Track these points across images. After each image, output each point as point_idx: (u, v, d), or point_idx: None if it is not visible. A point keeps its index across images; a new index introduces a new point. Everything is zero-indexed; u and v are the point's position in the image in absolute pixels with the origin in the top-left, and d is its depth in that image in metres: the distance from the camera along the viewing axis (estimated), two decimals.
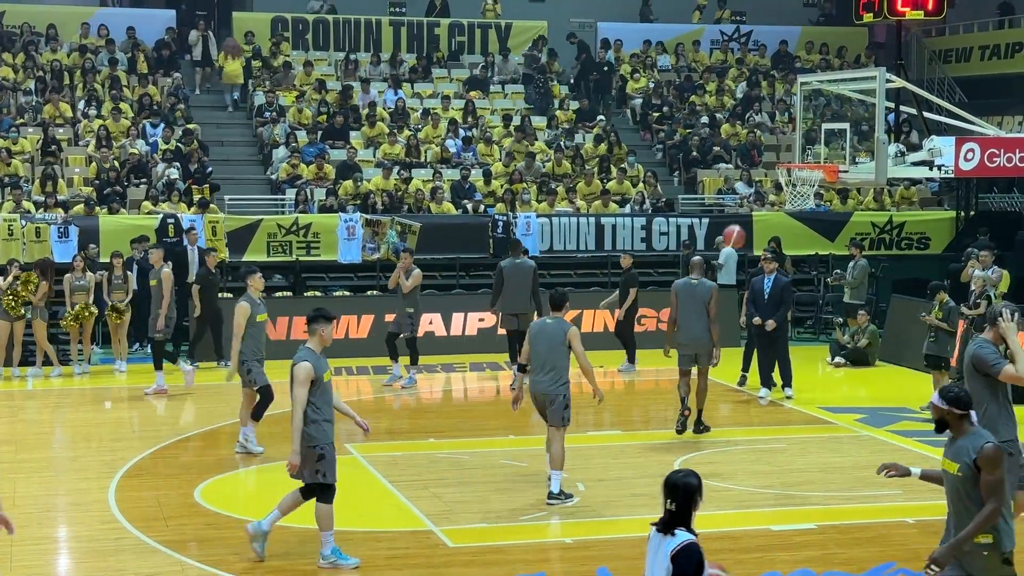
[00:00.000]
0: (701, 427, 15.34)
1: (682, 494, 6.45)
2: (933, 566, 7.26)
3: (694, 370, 15.17)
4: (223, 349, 19.88)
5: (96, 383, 19.30)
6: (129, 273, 20.27)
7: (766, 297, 17.44)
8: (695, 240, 24.20)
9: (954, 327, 16.98)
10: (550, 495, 12.21)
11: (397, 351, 18.77)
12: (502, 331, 19.66)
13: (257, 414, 14.35)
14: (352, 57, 29.08)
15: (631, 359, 20.35)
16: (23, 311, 19.06)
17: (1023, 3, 32.46)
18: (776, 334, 17.40)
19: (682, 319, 15.27)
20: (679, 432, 15.20)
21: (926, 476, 7.92)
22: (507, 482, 13.24)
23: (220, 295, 21.40)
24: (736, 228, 21.79)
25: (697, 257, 16.48)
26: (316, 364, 10.18)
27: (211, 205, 23.20)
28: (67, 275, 19.77)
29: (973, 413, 7.51)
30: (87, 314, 19.65)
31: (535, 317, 17.46)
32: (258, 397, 14.33)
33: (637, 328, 22.20)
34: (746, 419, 16.93)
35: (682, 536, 6.40)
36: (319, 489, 10.35)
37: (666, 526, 6.44)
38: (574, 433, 16.14)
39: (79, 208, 22.57)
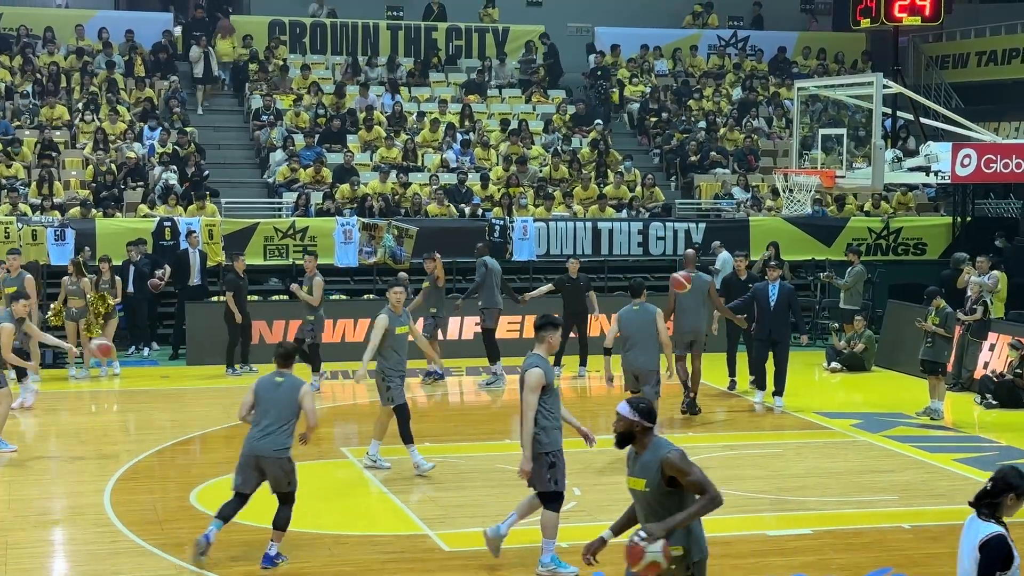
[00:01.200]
0: (696, 409, 16.91)
1: (1001, 483, 6.74)
2: (642, 532, 7.01)
3: (689, 355, 16.77)
4: (248, 355, 19.94)
5: (92, 386, 19.27)
6: (117, 277, 20.18)
7: (772, 305, 17.38)
8: (692, 245, 24.21)
9: (951, 333, 17.00)
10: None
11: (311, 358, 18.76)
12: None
13: (406, 436, 13.74)
14: (349, 61, 29.09)
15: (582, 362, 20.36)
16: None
17: (1018, 11, 32.51)
18: (778, 339, 17.37)
19: (681, 309, 16.77)
20: (684, 412, 16.79)
21: (617, 529, 7.69)
22: (503, 486, 13.22)
23: (219, 299, 21.40)
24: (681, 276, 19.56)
25: (690, 250, 18.21)
26: (547, 370, 10.14)
27: (207, 205, 23.27)
28: (64, 278, 19.77)
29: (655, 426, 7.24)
30: (92, 318, 19.58)
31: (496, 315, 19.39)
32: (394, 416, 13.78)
33: None
34: (742, 424, 16.93)
35: (991, 528, 6.68)
36: (549, 496, 10.27)
37: (977, 499, 6.80)
38: (569, 438, 16.16)
39: (75, 211, 22.57)
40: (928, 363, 17.01)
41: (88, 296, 19.56)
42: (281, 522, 10.58)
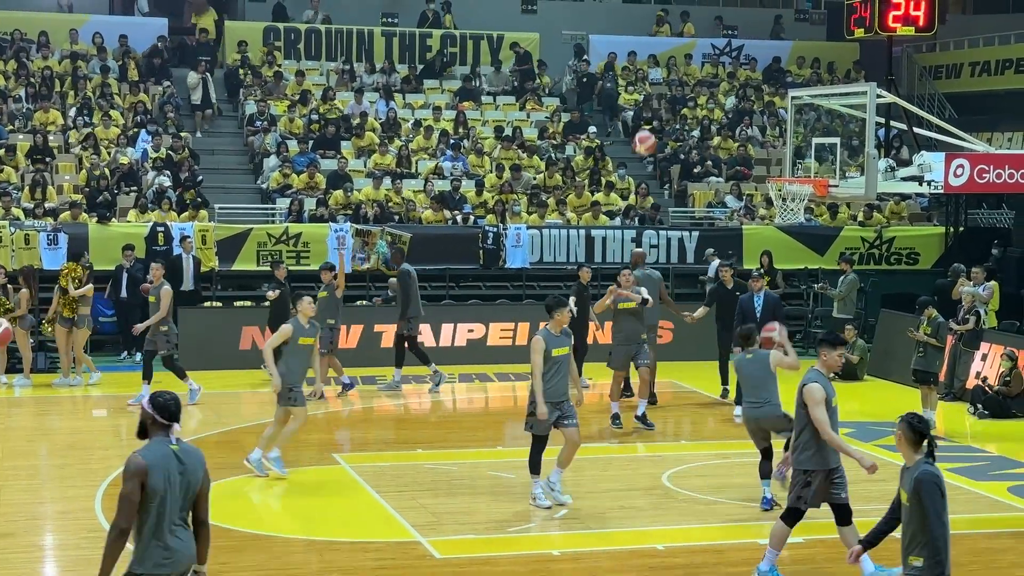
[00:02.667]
0: (654, 399, 17.89)
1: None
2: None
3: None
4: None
5: (83, 391, 19.24)
6: (24, 290, 19.96)
7: (758, 315, 17.39)
8: (685, 253, 24.29)
9: (942, 342, 17.02)
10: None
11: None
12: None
13: (272, 439, 13.86)
14: (347, 67, 29.11)
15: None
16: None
17: (1011, 22, 32.60)
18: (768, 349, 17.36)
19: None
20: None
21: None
22: (494, 493, 13.23)
23: (210, 304, 21.39)
24: (647, 134, 20.17)
25: (639, 249, 19.40)
26: (826, 386, 10.24)
27: (201, 211, 23.26)
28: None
29: None
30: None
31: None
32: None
33: None
34: (733, 433, 16.92)
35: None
36: (790, 512, 10.38)
37: None
38: (562, 445, 16.16)
39: (66, 215, 22.54)
40: (920, 373, 17.02)
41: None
42: None
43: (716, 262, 22.34)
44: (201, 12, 29.00)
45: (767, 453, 12.70)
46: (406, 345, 19.57)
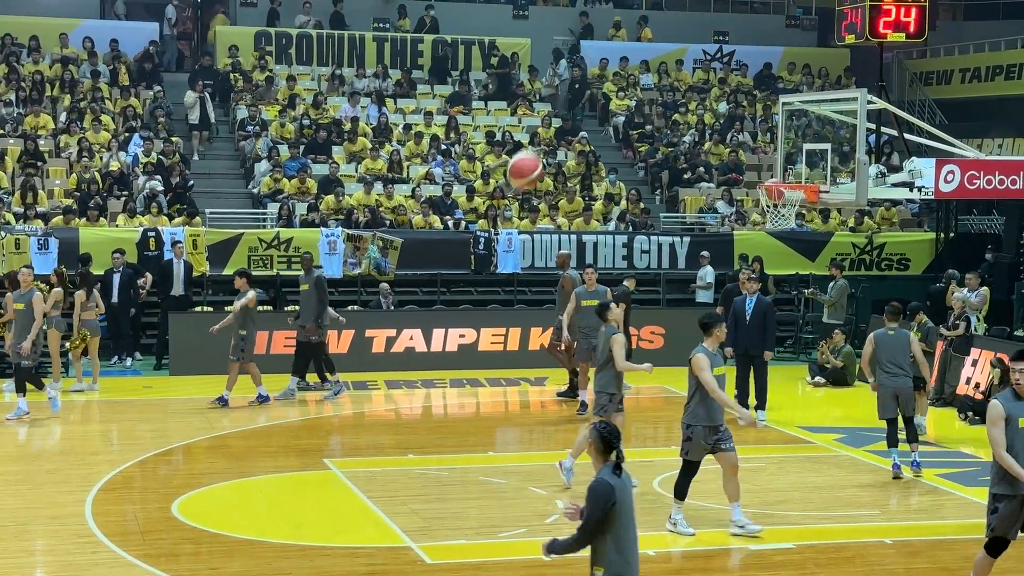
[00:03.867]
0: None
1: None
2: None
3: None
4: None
5: (75, 397, 19.19)
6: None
7: (748, 318, 17.42)
8: (676, 259, 24.33)
9: (932, 348, 17.03)
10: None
11: None
12: (319, 344, 19.52)
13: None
14: (338, 72, 29.10)
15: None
16: None
17: (1002, 29, 32.71)
18: (755, 353, 17.42)
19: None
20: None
21: None
22: (486, 498, 13.23)
23: (201, 309, 21.34)
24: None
25: (564, 251, 19.85)
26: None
27: (196, 217, 23.25)
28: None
29: None
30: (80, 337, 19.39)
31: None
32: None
33: None
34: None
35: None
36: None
37: None
38: (553, 451, 16.17)
39: (58, 219, 22.51)
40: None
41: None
42: None
43: (710, 267, 22.43)
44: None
45: (894, 423, 14.33)
46: (315, 351, 19.07)
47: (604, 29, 32.50)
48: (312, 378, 19.63)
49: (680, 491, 11.97)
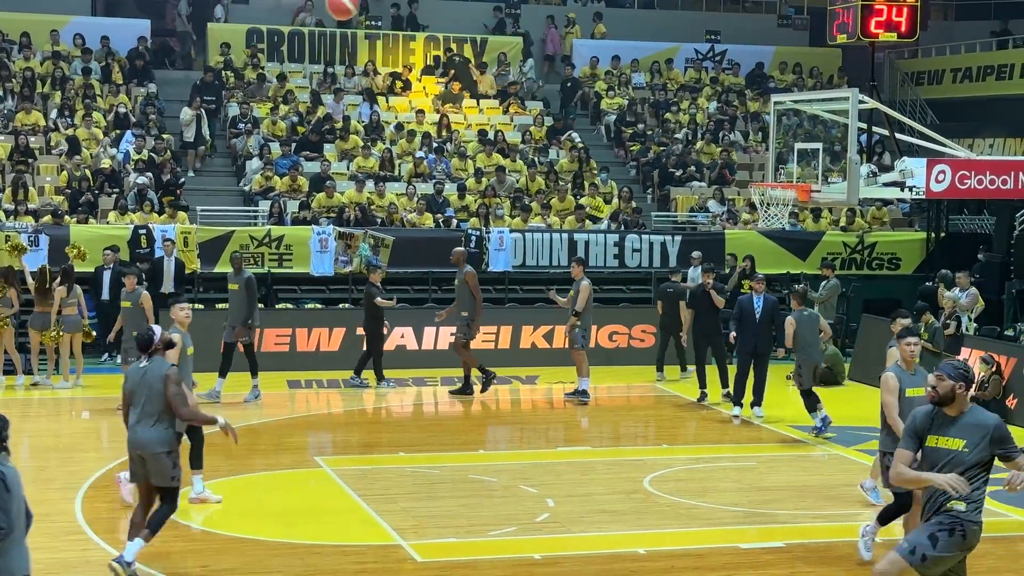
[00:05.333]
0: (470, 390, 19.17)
1: None
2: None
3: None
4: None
5: (64, 393, 19.16)
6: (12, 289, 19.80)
7: (757, 318, 17.49)
8: (668, 258, 24.34)
9: (939, 348, 17.05)
10: None
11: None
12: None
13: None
14: (329, 71, 29.08)
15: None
16: None
17: (993, 29, 32.77)
18: (762, 352, 17.47)
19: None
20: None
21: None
22: (477, 497, 13.23)
23: (191, 306, 21.22)
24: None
25: (458, 248, 19.75)
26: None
27: (180, 213, 23.20)
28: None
29: None
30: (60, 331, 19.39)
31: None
32: None
33: (609, 344, 22.30)
34: (715, 436, 16.97)
35: None
36: None
37: None
38: (543, 449, 16.19)
39: (47, 218, 22.46)
40: None
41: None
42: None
43: (693, 269, 22.40)
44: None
45: (811, 392, 16.45)
46: (242, 351, 18.64)
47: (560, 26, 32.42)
48: (368, 375, 19.65)
49: (884, 518, 11.11)
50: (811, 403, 16.63)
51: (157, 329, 10.50)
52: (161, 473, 10.20)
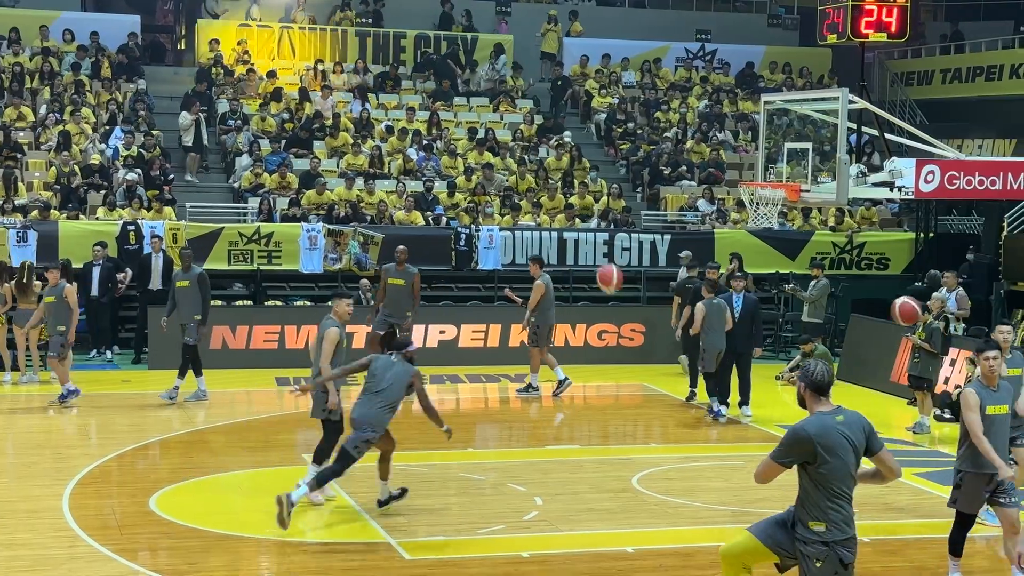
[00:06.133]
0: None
1: None
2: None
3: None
4: None
5: (50, 389, 19.10)
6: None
7: (737, 316, 17.52)
8: (657, 256, 24.37)
9: (936, 348, 17.08)
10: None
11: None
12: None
13: None
14: (320, 68, 29.03)
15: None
16: None
17: (977, 30, 32.85)
18: (742, 351, 17.49)
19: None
20: None
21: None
22: (465, 495, 13.22)
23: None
24: (613, 269, 19.85)
25: (401, 246, 19.45)
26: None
27: (166, 208, 23.15)
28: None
29: None
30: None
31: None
32: None
33: (598, 343, 22.32)
34: (704, 436, 16.98)
35: None
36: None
37: None
38: (532, 447, 16.18)
39: (35, 213, 22.41)
40: (914, 378, 17.17)
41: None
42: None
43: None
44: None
45: (713, 376, 17.49)
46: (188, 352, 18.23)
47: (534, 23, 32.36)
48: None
49: (954, 546, 10.58)
50: (711, 386, 17.61)
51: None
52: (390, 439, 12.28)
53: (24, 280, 19.18)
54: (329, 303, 13.17)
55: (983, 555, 11.46)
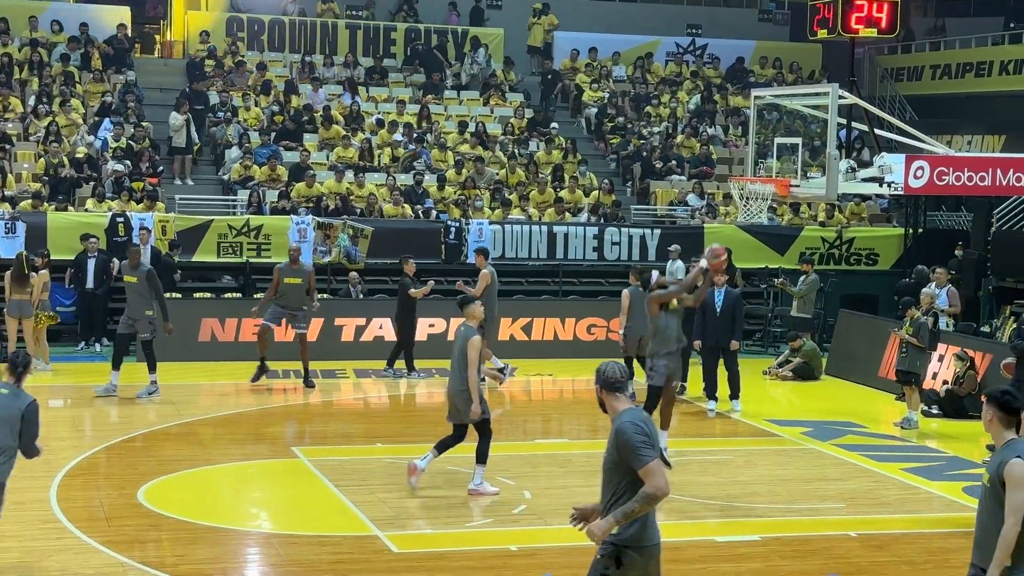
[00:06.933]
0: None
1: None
2: None
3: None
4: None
5: (37, 381, 19.05)
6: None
7: (718, 311, 17.53)
8: (647, 251, 24.39)
9: (924, 343, 17.12)
10: None
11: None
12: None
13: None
14: (308, 59, 28.98)
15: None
16: None
17: (966, 26, 32.89)
18: (725, 345, 17.53)
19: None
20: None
21: None
22: (454, 488, 13.22)
23: (169, 295, 21.19)
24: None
25: (295, 244, 19.39)
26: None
27: (158, 203, 23.09)
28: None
29: None
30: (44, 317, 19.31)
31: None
32: None
33: (587, 337, 22.33)
34: (693, 430, 16.99)
35: None
36: None
37: None
38: (521, 441, 16.18)
39: (26, 203, 22.36)
40: (902, 373, 17.19)
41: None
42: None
43: (680, 262, 22.43)
44: None
45: (632, 361, 17.23)
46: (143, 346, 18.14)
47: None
48: (400, 365, 19.94)
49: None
50: (630, 371, 17.26)
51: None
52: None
53: (24, 271, 19.13)
54: (463, 308, 12.94)
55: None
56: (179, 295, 22.04)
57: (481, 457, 12.84)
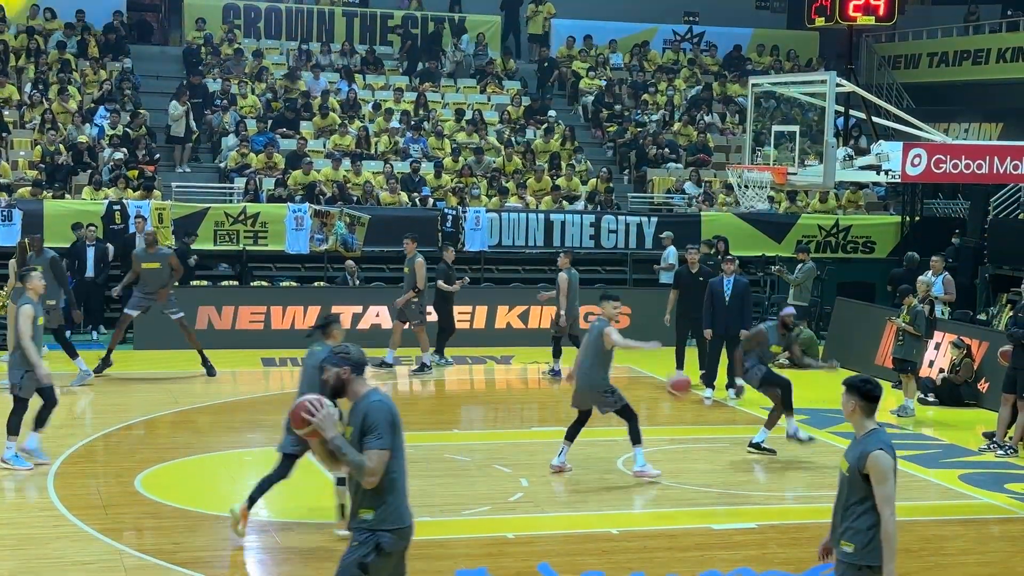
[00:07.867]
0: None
1: None
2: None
3: None
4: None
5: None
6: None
7: (727, 300, 17.54)
8: (644, 239, 24.38)
9: (920, 331, 17.13)
10: None
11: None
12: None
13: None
14: (304, 47, 28.93)
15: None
16: None
17: (964, 14, 32.83)
18: (733, 333, 17.52)
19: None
20: None
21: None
22: (450, 476, 13.24)
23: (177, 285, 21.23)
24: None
25: (149, 228, 19.40)
26: None
27: (155, 191, 23.05)
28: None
29: None
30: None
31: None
32: None
33: (585, 325, 22.28)
34: (689, 418, 17.02)
35: None
36: None
37: None
38: (518, 429, 16.20)
39: (25, 191, 22.33)
40: (899, 361, 17.21)
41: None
42: None
43: (673, 248, 22.43)
44: None
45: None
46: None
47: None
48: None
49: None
50: (558, 350, 19.09)
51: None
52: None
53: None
54: (601, 303, 13.80)
55: (965, 538, 11.49)
56: (176, 283, 22.01)
57: (635, 437, 13.16)
